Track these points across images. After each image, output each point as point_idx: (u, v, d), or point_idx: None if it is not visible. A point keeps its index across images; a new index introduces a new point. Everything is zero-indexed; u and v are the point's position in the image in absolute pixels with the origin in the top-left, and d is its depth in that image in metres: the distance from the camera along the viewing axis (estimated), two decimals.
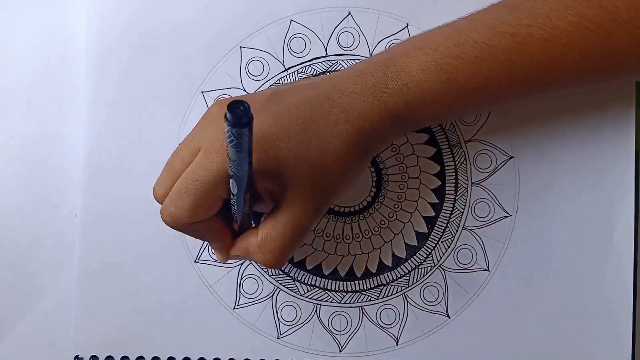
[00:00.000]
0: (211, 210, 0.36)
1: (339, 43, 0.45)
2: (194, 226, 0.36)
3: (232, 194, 0.35)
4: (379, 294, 0.44)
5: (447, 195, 0.45)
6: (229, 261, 0.40)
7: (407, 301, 0.44)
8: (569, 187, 0.44)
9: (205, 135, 0.35)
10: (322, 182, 0.36)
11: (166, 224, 0.36)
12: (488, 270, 0.44)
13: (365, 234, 0.44)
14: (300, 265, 0.44)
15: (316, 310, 0.44)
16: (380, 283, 0.44)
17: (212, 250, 0.42)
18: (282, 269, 0.44)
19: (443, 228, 0.44)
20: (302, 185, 0.35)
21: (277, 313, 0.44)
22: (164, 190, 0.36)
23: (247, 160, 0.31)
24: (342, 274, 0.44)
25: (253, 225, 0.39)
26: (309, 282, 0.44)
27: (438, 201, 0.45)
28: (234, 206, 0.36)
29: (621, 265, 0.44)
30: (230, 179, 0.34)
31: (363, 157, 0.38)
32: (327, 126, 0.35)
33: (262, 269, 0.44)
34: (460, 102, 0.37)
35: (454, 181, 0.44)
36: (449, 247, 0.44)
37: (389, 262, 0.44)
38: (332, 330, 0.44)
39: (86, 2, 0.44)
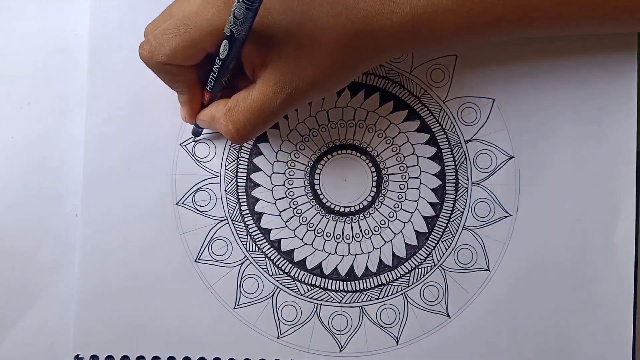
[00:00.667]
0: (190, 59, 0.36)
1: None
2: (168, 68, 0.36)
3: (218, 59, 0.35)
4: (379, 294, 0.44)
5: (447, 195, 0.45)
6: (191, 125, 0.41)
7: (407, 301, 0.44)
8: (569, 186, 0.44)
9: None
10: (303, 70, 0.35)
11: (142, 57, 0.37)
12: (488, 270, 0.44)
13: (365, 234, 0.45)
14: (301, 265, 0.44)
15: (316, 310, 0.44)
16: (380, 283, 0.44)
17: (180, 103, 0.42)
18: (282, 268, 0.44)
19: (443, 228, 0.44)
20: (283, 66, 0.35)
21: (277, 313, 0.44)
22: (153, 29, 0.37)
23: (250, 22, 0.32)
24: (342, 274, 0.44)
25: None
26: (309, 282, 0.44)
27: (438, 201, 0.45)
28: (214, 73, 0.36)
29: (621, 265, 0.44)
30: (224, 41, 0.34)
31: (353, 63, 0.37)
32: (327, 17, 0.35)
33: (262, 268, 0.44)
34: (468, 25, 0.37)
35: (454, 181, 0.45)
36: (449, 247, 0.44)
37: (389, 262, 0.44)
38: (332, 330, 0.44)
39: (88, 2, 0.44)
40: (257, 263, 0.44)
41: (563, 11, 0.37)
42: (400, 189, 0.45)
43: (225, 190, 0.45)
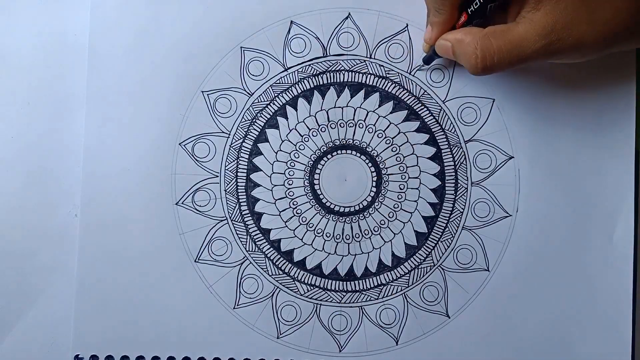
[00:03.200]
0: None
1: (339, 43, 0.45)
2: None
3: None
4: (379, 294, 0.44)
5: (447, 195, 0.45)
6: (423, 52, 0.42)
7: (407, 301, 0.44)
8: (568, 187, 0.44)
9: None
10: (577, 26, 0.35)
11: None
12: (488, 270, 0.44)
13: (365, 234, 0.45)
14: (300, 265, 0.44)
15: (316, 310, 0.44)
16: (380, 283, 0.44)
17: (430, 24, 0.41)
18: (282, 268, 0.44)
19: (443, 228, 0.44)
20: (557, 14, 0.35)
21: (277, 313, 0.44)
22: None
23: None
24: (342, 274, 0.44)
25: None
26: (309, 282, 0.44)
27: (438, 201, 0.45)
28: None
29: (621, 265, 0.44)
30: None
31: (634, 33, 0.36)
32: None
33: (262, 268, 0.44)
34: None
35: (453, 181, 0.45)
36: (448, 247, 0.44)
37: (388, 262, 0.44)
38: (332, 330, 0.44)
39: (87, 3, 0.44)
40: (256, 263, 0.44)
41: None
42: (400, 189, 0.45)
43: (225, 190, 0.45)
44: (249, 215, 0.45)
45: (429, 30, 0.41)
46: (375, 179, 0.45)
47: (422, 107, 0.45)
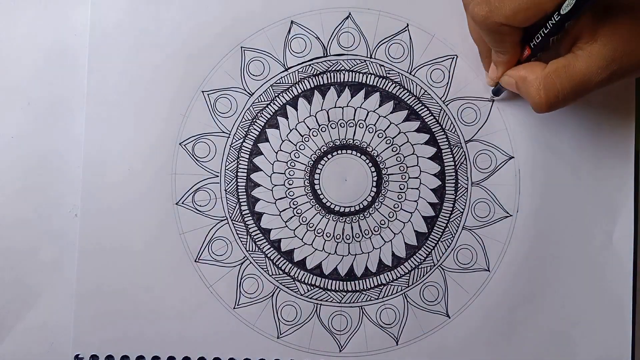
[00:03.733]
0: (528, 20, 0.35)
1: (339, 43, 0.45)
2: (501, 28, 0.35)
3: (557, 14, 0.34)
4: (379, 294, 0.44)
5: (447, 195, 0.45)
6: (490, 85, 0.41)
7: (407, 301, 0.44)
8: (568, 187, 0.44)
9: None
10: (637, 48, 0.35)
11: (475, 17, 0.36)
12: (488, 270, 0.44)
13: (365, 234, 0.45)
14: (300, 265, 0.44)
15: (316, 310, 0.44)
16: (380, 283, 0.44)
17: (494, 63, 0.41)
18: (282, 268, 0.44)
19: (443, 228, 0.44)
20: (616, 42, 0.34)
21: (277, 313, 0.44)
22: None
23: None
24: (342, 274, 0.44)
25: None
26: (309, 282, 0.44)
27: (438, 201, 0.45)
28: (545, 29, 0.35)
29: (621, 265, 0.44)
30: None
31: None
32: None
33: (262, 268, 0.44)
34: None
35: (454, 181, 0.45)
36: (448, 247, 0.44)
37: (388, 262, 0.44)
38: (332, 330, 0.44)
39: (88, 2, 0.44)
40: (257, 263, 0.44)
41: None
42: (400, 189, 0.45)
43: (225, 190, 0.45)
44: (249, 215, 0.45)
45: (494, 69, 0.41)
46: (375, 179, 0.45)
47: (423, 107, 0.45)
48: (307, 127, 0.45)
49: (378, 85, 0.45)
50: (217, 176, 0.45)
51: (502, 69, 0.40)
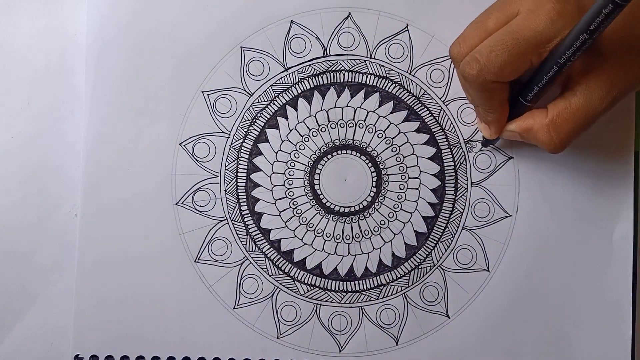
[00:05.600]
0: (516, 72, 0.35)
1: (339, 43, 0.45)
2: (492, 85, 0.36)
3: (556, 65, 0.35)
4: (379, 294, 0.44)
5: (446, 196, 0.45)
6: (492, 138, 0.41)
7: (407, 301, 0.44)
8: (568, 187, 0.44)
9: None
10: (631, 71, 0.35)
11: (466, 76, 0.36)
12: (488, 270, 0.44)
13: (365, 234, 0.45)
14: (300, 265, 0.44)
15: (316, 310, 0.44)
16: (380, 283, 0.44)
17: (483, 121, 0.41)
18: (282, 268, 0.44)
19: (443, 228, 0.44)
20: (609, 70, 0.35)
21: (277, 313, 0.44)
22: (468, 47, 0.36)
23: (602, 30, 0.32)
24: (342, 274, 0.44)
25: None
26: (309, 282, 0.44)
27: (438, 201, 0.45)
28: (540, 82, 0.36)
29: (621, 265, 0.44)
30: (558, 49, 0.34)
31: None
32: None
33: (262, 268, 0.44)
34: None
35: (453, 181, 0.45)
36: (448, 247, 0.44)
37: (388, 262, 0.44)
38: (332, 330, 0.44)
39: (86, 1, 0.44)
40: (256, 263, 0.44)
41: None
42: (400, 189, 0.45)
43: (225, 190, 0.45)
44: (249, 215, 0.45)
45: (486, 128, 0.41)
46: (375, 179, 0.45)
47: (422, 107, 0.45)
48: (307, 127, 0.45)
49: (378, 85, 0.45)
50: (217, 176, 0.45)
51: (495, 126, 0.40)
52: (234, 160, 0.45)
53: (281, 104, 0.45)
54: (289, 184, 0.45)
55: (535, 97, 0.38)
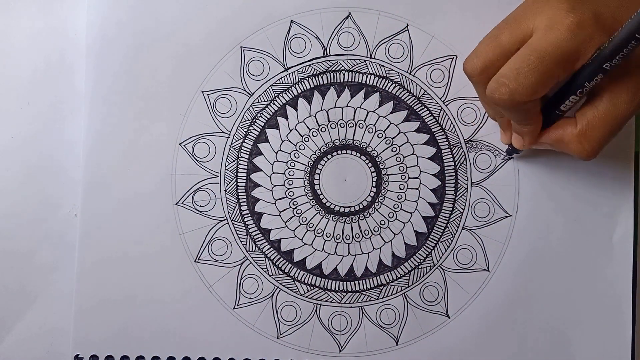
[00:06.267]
0: (546, 90, 0.35)
1: (339, 43, 0.45)
2: (525, 105, 0.36)
3: (577, 77, 0.35)
4: (379, 294, 0.44)
5: (446, 196, 0.45)
6: (524, 149, 0.41)
7: (407, 301, 0.44)
8: (568, 187, 0.44)
9: (543, 14, 0.35)
10: None
11: (497, 101, 0.36)
12: (488, 270, 0.44)
13: (365, 234, 0.45)
14: (300, 265, 0.44)
15: (316, 310, 0.44)
16: (380, 283, 0.44)
17: (518, 134, 0.41)
18: (282, 268, 0.44)
19: (443, 228, 0.44)
20: (633, 73, 0.35)
21: (277, 313, 0.44)
22: (483, 62, 0.36)
23: (637, 45, 0.32)
24: (342, 274, 0.44)
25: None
26: (309, 282, 0.44)
27: (438, 201, 0.45)
28: (572, 93, 0.36)
29: (621, 265, 0.44)
30: (589, 63, 0.34)
31: None
32: None
33: (262, 268, 0.44)
34: None
35: (453, 181, 0.45)
36: (448, 247, 0.44)
37: (388, 262, 0.44)
38: (332, 330, 0.44)
39: (86, 1, 0.44)
40: (256, 263, 0.44)
41: None
42: (400, 189, 0.45)
43: (225, 190, 0.45)
44: (249, 215, 0.45)
45: (519, 139, 0.41)
46: (375, 179, 0.45)
47: (422, 107, 0.45)
48: (307, 127, 0.45)
49: (378, 85, 0.45)
50: (217, 176, 0.45)
51: (529, 137, 0.40)
52: (234, 160, 0.45)
53: (281, 104, 0.45)
54: (289, 184, 0.45)
55: (571, 107, 0.38)
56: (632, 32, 0.33)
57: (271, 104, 0.45)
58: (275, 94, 0.45)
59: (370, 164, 0.45)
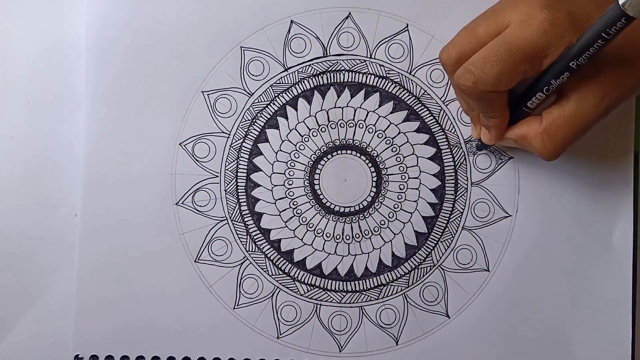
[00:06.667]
0: (511, 83, 0.36)
1: (339, 43, 0.45)
2: (489, 95, 0.36)
3: (545, 75, 0.35)
4: (379, 294, 0.44)
5: (446, 196, 0.45)
6: (494, 144, 0.41)
7: (407, 301, 0.44)
8: (568, 187, 0.44)
9: (519, 8, 0.35)
10: (625, 80, 0.35)
11: (461, 87, 0.36)
12: (488, 270, 0.44)
13: (365, 234, 0.45)
14: (300, 265, 0.44)
15: (316, 310, 0.44)
16: (380, 283, 0.44)
17: (484, 126, 0.41)
18: (282, 268, 0.44)
19: (443, 228, 0.44)
20: (602, 78, 0.35)
21: (277, 313, 0.44)
22: (458, 52, 0.37)
23: (605, 45, 0.32)
24: (342, 274, 0.44)
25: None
26: (309, 282, 0.44)
27: (438, 201, 0.45)
28: (541, 90, 0.36)
29: (621, 265, 0.44)
30: (556, 61, 0.34)
31: None
32: None
33: (262, 268, 0.44)
34: None
35: (453, 181, 0.45)
36: (448, 247, 0.44)
37: (388, 262, 0.44)
38: (332, 330, 0.44)
39: (86, 1, 0.44)
40: (256, 263, 0.44)
41: None
42: (400, 189, 0.45)
43: (225, 190, 0.45)
44: (249, 215, 0.45)
45: (486, 133, 0.41)
46: (375, 179, 0.45)
47: (422, 107, 0.45)
48: (307, 127, 0.45)
49: (378, 85, 0.45)
50: (217, 176, 0.45)
51: (495, 131, 0.40)
52: (234, 160, 0.45)
53: (281, 104, 0.45)
54: (289, 184, 0.45)
55: (538, 105, 0.38)
56: (599, 32, 0.33)
57: (271, 104, 0.45)
58: (275, 94, 0.45)
59: (370, 164, 0.45)
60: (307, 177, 0.45)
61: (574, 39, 0.34)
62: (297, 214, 0.45)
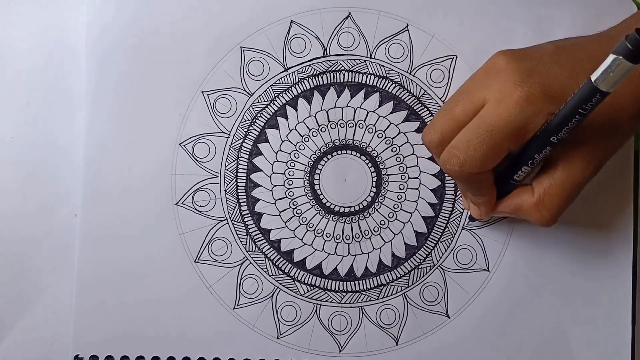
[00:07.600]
0: (496, 161, 0.36)
1: (339, 43, 0.45)
2: (476, 176, 0.37)
3: (527, 149, 0.36)
4: (379, 294, 0.44)
5: (446, 196, 0.45)
6: (483, 219, 0.42)
7: (407, 301, 0.44)
8: None
9: (493, 86, 0.35)
10: (609, 140, 0.36)
11: (450, 172, 0.37)
12: (488, 270, 0.44)
13: (365, 234, 0.45)
14: (300, 265, 0.44)
15: (316, 310, 0.44)
16: (380, 283, 0.44)
17: (474, 204, 0.41)
18: (282, 269, 0.44)
19: (442, 228, 0.44)
20: (587, 142, 0.35)
21: (277, 313, 0.44)
22: (440, 135, 0.37)
23: (583, 119, 0.33)
24: (342, 274, 0.44)
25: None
26: (309, 282, 0.44)
27: (438, 201, 0.45)
28: (526, 163, 0.37)
29: (621, 265, 0.44)
30: (536, 137, 0.35)
31: None
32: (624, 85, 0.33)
33: (262, 268, 0.44)
34: None
35: (453, 181, 0.44)
36: (448, 247, 0.44)
37: (388, 262, 0.44)
38: (332, 330, 0.44)
39: (86, 1, 0.44)
40: (256, 263, 0.44)
41: None
42: (400, 189, 0.45)
43: (225, 191, 0.45)
44: (249, 215, 0.45)
45: (475, 209, 0.41)
46: (375, 179, 0.45)
47: (422, 107, 0.45)
48: (307, 127, 0.45)
49: (378, 85, 0.45)
50: (217, 176, 0.45)
51: (484, 207, 0.40)
52: (234, 161, 0.45)
53: (281, 104, 0.45)
54: (289, 184, 0.45)
55: (525, 177, 0.38)
56: (575, 108, 0.33)
57: (271, 104, 0.45)
58: (275, 94, 0.45)
59: (370, 164, 0.45)
60: (307, 177, 0.45)
61: (553, 110, 0.34)
62: (297, 214, 0.45)
